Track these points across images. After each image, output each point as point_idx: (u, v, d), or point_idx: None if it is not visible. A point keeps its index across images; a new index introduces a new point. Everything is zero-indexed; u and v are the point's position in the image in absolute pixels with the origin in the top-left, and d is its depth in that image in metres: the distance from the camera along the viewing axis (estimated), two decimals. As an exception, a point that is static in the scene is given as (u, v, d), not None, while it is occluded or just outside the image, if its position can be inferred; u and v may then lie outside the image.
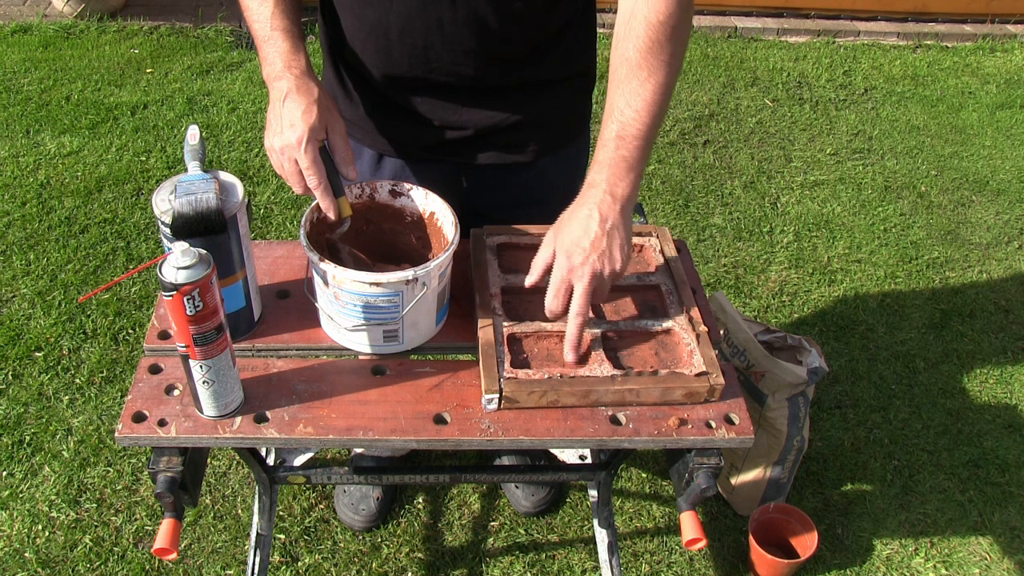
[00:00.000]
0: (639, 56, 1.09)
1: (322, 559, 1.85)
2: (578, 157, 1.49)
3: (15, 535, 1.84)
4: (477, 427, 1.08)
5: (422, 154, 1.38)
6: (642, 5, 1.08)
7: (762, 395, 1.82)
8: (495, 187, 1.42)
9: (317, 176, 1.07)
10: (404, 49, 1.23)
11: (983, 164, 3.38)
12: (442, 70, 1.25)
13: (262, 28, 1.14)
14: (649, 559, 1.89)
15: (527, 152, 1.38)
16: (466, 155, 1.38)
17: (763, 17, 4.37)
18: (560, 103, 1.37)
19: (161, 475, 1.05)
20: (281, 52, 1.11)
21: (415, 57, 1.23)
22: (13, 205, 2.74)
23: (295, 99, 1.07)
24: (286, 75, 1.09)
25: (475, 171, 1.41)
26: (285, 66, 1.10)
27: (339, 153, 1.11)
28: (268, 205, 2.83)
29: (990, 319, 2.61)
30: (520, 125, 1.33)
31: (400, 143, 1.38)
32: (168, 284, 0.90)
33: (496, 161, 1.38)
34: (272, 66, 1.11)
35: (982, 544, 1.98)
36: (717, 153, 3.30)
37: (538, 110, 1.33)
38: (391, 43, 1.23)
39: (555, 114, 1.38)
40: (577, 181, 1.52)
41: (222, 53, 3.71)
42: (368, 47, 1.26)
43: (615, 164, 1.09)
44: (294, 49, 1.12)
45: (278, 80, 1.09)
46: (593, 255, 1.06)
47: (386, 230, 1.24)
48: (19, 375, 2.19)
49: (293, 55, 1.11)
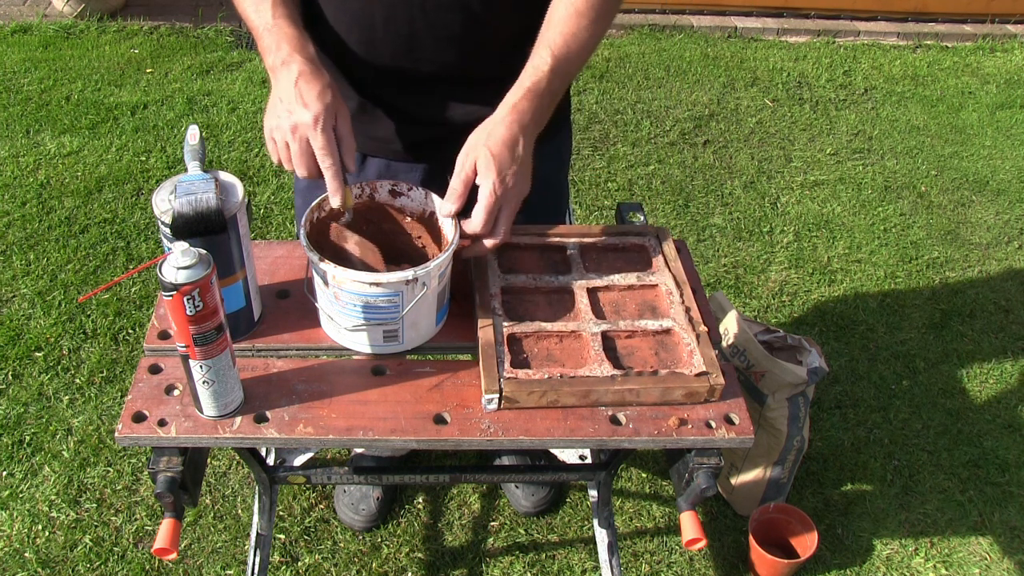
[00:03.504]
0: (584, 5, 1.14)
1: (322, 559, 1.85)
2: (560, 151, 1.50)
3: (15, 535, 1.84)
4: (477, 427, 1.08)
5: (406, 152, 1.37)
6: None
7: (762, 395, 1.82)
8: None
9: (331, 157, 1.05)
10: (388, 37, 1.22)
11: (983, 164, 3.38)
12: (426, 59, 1.25)
13: (262, 18, 1.11)
14: (649, 559, 1.89)
15: None
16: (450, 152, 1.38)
17: (763, 17, 4.37)
18: None
19: (161, 475, 1.05)
20: (288, 37, 1.09)
21: (399, 45, 1.23)
22: (13, 205, 2.74)
23: (309, 80, 1.05)
24: (296, 58, 1.07)
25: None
26: (292, 49, 1.07)
27: (345, 142, 1.10)
28: (268, 205, 2.83)
29: (990, 319, 2.61)
30: None
31: (383, 142, 1.37)
32: (168, 284, 0.90)
33: None
34: (279, 51, 1.08)
35: (982, 544, 1.98)
36: (717, 153, 3.31)
37: None
38: (375, 31, 1.22)
39: None
40: (560, 174, 1.52)
41: (222, 53, 3.71)
42: (352, 38, 1.25)
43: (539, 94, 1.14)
44: (301, 36, 1.10)
45: (287, 64, 1.07)
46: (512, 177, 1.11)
47: (386, 230, 1.24)
48: (19, 375, 2.19)
49: (301, 41, 1.09)
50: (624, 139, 3.33)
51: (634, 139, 3.34)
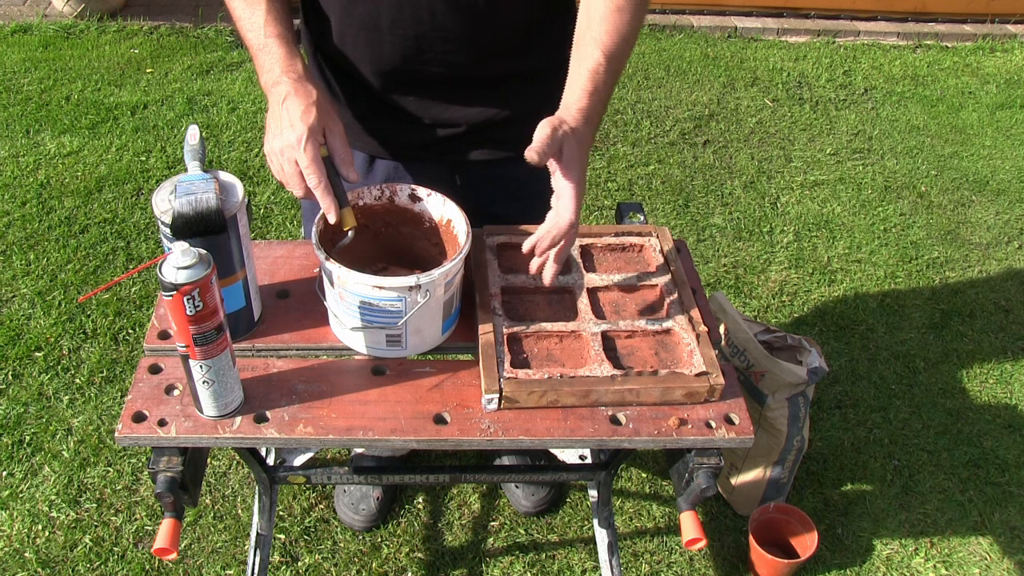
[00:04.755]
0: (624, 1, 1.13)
1: (322, 559, 1.85)
2: None
3: (15, 535, 1.84)
4: (477, 427, 1.08)
5: (414, 153, 1.37)
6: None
7: (762, 395, 1.82)
8: (489, 183, 1.42)
9: (317, 175, 1.07)
10: (395, 40, 1.23)
11: (983, 164, 3.38)
12: (434, 61, 1.25)
13: (256, 36, 1.14)
14: (649, 559, 1.89)
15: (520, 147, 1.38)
16: (458, 152, 1.37)
17: (763, 17, 4.37)
18: (551, 95, 1.37)
19: (161, 475, 1.05)
20: (278, 58, 1.11)
21: (407, 48, 1.23)
22: (13, 205, 2.74)
23: (294, 100, 1.07)
24: (283, 79, 1.09)
25: (468, 168, 1.41)
26: (283, 71, 1.10)
27: (338, 155, 1.11)
28: (268, 205, 2.83)
29: (990, 319, 2.61)
30: (512, 119, 1.33)
31: (392, 143, 1.37)
32: (168, 284, 0.90)
33: (489, 157, 1.38)
34: (270, 72, 1.11)
35: (982, 544, 1.98)
36: (717, 153, 3.31)
37: (529, 103, 1.33)
38: (382, 35, 1.22)
39: (546, 106, 1.37)
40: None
41: (222, 53, 3.71)
42: (359, 43, 1.25)
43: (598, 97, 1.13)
44: (290, 55, 1.12)
45: (276, 85, 1.09)
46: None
47: (404, 234, 1.24)
48: (19, 375, 2.19)
49: (290, 60, 1.12)
50: (624, 139, 3.33)
51: (634, 139, 3.34)
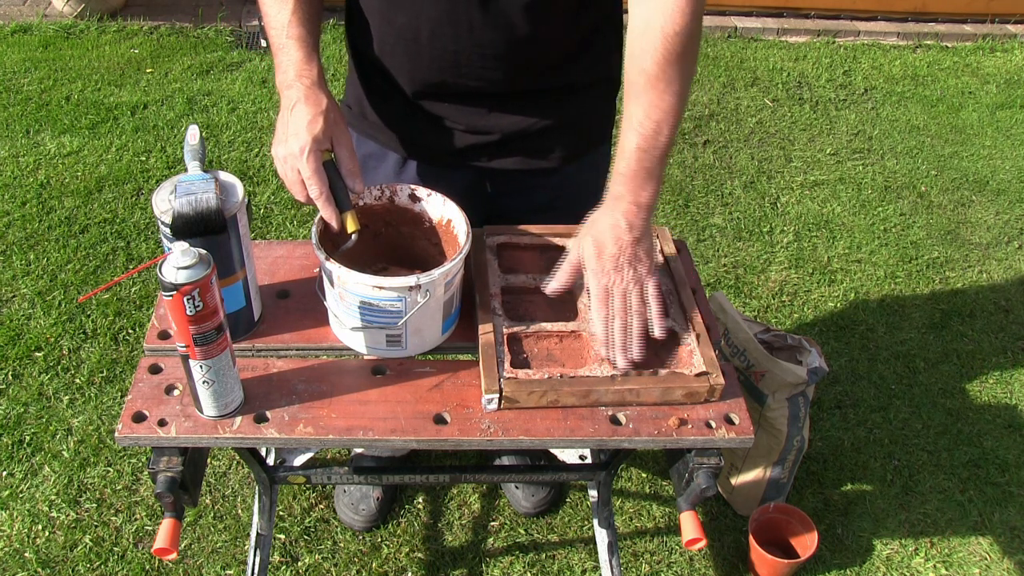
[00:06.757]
0: (657, 68, 1.09)
1: (322, 559, 1.85)
2: (603, 162, 1.48)
3: (15, 535, 1.84)
4: (477, 427, 1.08)
5: (447, 159, 1.36)
6: (658, 16, 1.08)
7: (762, 395, 1.82)
8: (519, 192, 1.42)
9: (319, 186, 1.07)
10: (434, 54, 1.22)
11: (983, 164, 3.38)
12: (472, 75, 1.24)
13: (278, 36, 1.14)
14: (649, 559, 1.89)
15: (552, 158, 1.37)
16: (491, 160, 1.36)
17: (763, 17, 4.37)
18: (587, 108, 1.37)
19: (161, 475, 1.05)
20: (294, 61, 1.12)
21: (445, 62, 1.22)
22: (13, 205, 2.74)
23: (302, 108, 1.07)
24: (296, 84, 1.09)
25: (499, 176, 1.39)
26: (296, 75, 1.10)
27: (345, 165, 1.11)
28: (268, 205, 2.83)
29: (990, 319, 2.61)
30: (547, 130, 1.33)
31: (425, 148, 1.37)
32: (168, 284, 0.90)
33: (521, 167, 1.37)
34: (284, 74, 1.12)
35: (982, 544, 1.98)
36: (717, 153, 3.31)
37: (565, 115, 1.33)
38: (420, 48, 1.22)
39: (582, 119, 1.37)
40: (601, 186, 1.49)
41: (222, 53, 3.71)
42: (397, 52, 1.25)
43: (637, 175, 1.12)
44: (307, 59, 1.12)
45: (288, 89, 1.10)
46: (624, 261, 1.10)
47: (405, 234, 1.24)
48: (19, 375, 2.19)
49: (306, 64, 1.12)
50: (624, 139, 3.33)
51: (634, 139, 3.33)
